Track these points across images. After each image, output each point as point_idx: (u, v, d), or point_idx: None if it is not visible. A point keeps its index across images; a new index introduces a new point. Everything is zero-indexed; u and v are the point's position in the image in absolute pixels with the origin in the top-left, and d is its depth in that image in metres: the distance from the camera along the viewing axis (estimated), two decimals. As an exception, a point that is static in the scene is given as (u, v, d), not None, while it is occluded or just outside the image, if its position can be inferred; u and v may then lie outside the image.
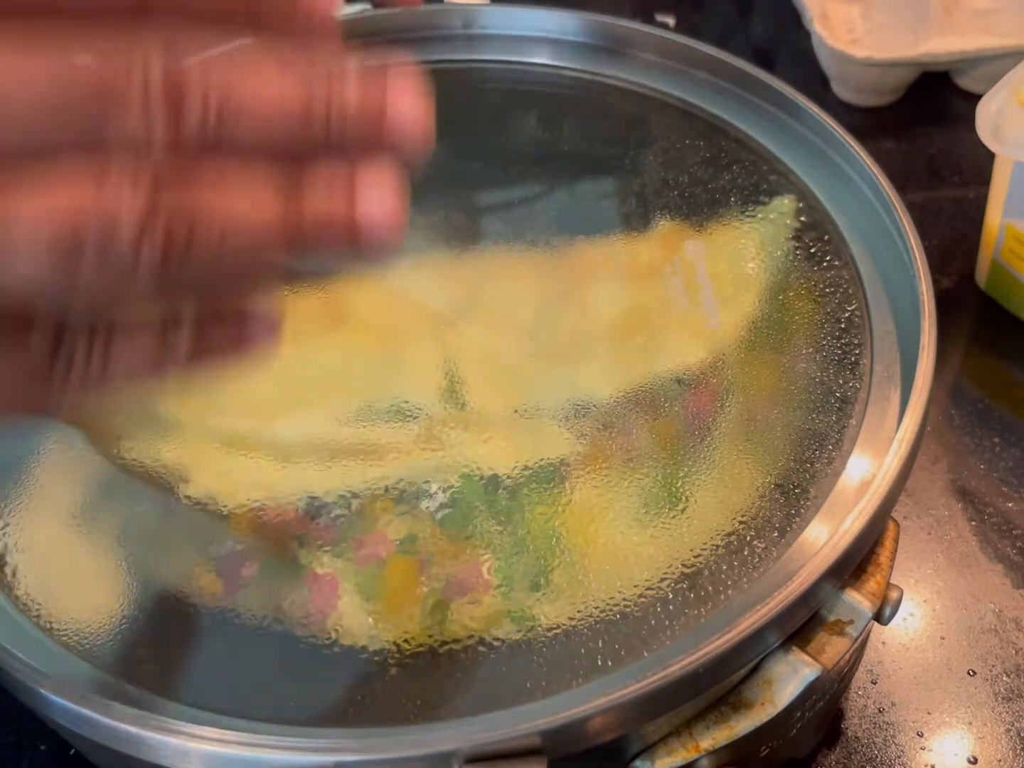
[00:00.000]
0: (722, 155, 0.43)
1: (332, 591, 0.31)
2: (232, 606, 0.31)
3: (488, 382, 0.36)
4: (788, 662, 0.29)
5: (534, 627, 0.30)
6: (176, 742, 0.27)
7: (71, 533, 0.33)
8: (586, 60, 0.48)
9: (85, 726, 0.28)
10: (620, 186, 0.44)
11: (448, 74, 0.49)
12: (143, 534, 0.33)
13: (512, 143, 0.46)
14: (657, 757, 0.29)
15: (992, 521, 0.44)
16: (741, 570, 0.31)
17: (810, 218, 0.40)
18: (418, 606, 0.31)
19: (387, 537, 0.32)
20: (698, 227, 0.41)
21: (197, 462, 0.34)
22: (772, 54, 0.70)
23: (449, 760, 0.26)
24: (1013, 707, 0.39)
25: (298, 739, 0.27)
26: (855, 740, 0.39)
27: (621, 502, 0.33)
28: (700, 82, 0.46)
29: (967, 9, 0.61)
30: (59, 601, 0.32)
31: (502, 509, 0.32)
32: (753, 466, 0.33)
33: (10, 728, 0.39)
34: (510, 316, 0.38)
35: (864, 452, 0.33)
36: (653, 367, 0.36)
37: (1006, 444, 0.47)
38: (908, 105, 0.63)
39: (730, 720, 0.29)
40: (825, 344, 0.36)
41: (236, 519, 0.33)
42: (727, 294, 0.38)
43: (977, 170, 0.59)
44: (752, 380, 0.36)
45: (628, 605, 0.30)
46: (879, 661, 0.40)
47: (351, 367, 0.37)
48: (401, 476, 0.34)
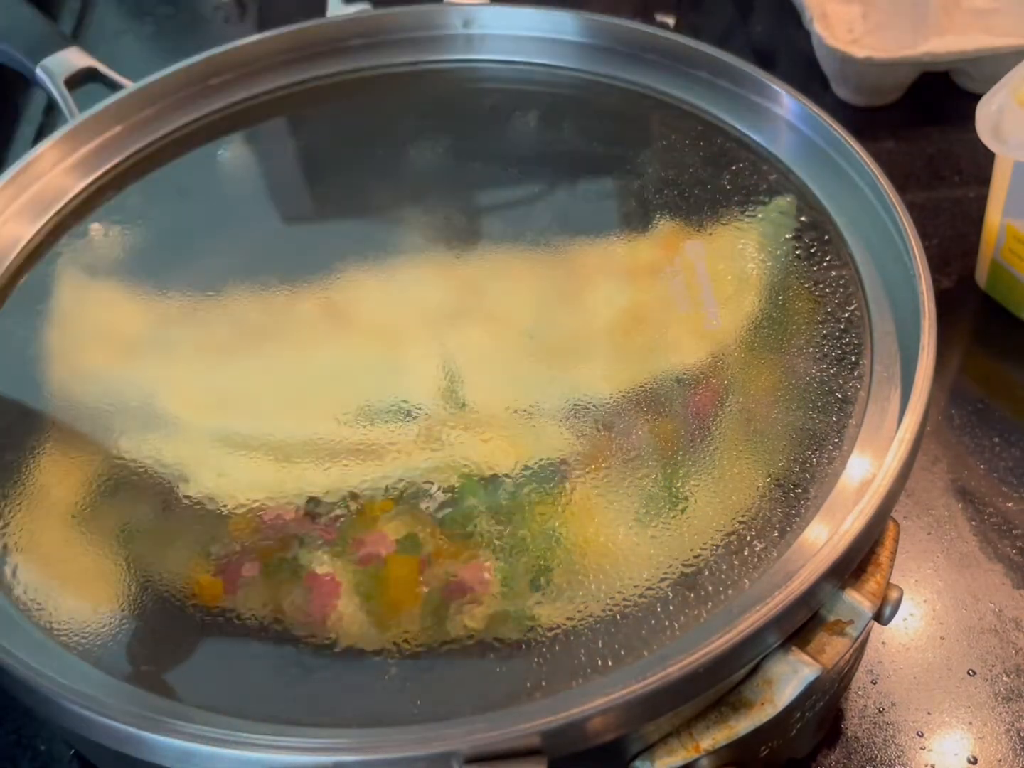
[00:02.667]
0: (722, 155, 0.43)
1: (332, 591, 0.31)
2: (232, 606, 0.31)
3: (488, 382, 0.36)
4: (788, 662, 0.29)
5: (534, 627, 0.30)
6: (176, 742, 0.27)
7: (71, 533, 0.33)
8: (586, 60, 0.48)
9: (85, 726, 0.28)
10: (620, 186, 0.44)
11: (448, 74, 0.49)
12: (143, 534, 0.33)
13: (512, 143, 0.46)
14: (657, 757, 0.29)
15: (992, 521, 0.44)
16: (741, 570, 0.31)
17: (810, 218, 0.40)
18: (418, 606, 0.31)
19: (387, 537, 0.32)
20: (698, 227, 0.41)
21: (197, 462, 0.34)
22: (772, 54, 0.70)
23: (449, 760, 0.26)
24: (1013, 707, 0.39)
25: (298, 739, 0.27)
26: (855, 740, 0.39)
27: (621, 502, 0.33)
28: (700, 82, 0.46)
29: (967, 9, 0.61)
30: (59, 601, 0.32)
31: (502, 509, 0.32)
32: (753, 466, 0.33)
33: (10, 728, 0.39)
34: (510, 316, 0.38)
35: (864, 452, 0.33)
36: (653, 367, 0.36)
37: (1006, 444, 0.47)
38: (908, 105, 0.63)
39: (730, 720, 0.29)
40: (825, 344, 0.36)
41: (236, 519, 0.33)
42: (727, 294, 0.38)
43: (977, 170, 0.59)
44: (752, 380, 0.36)
45: (628, 605, 0.30)
46: (879, 661, 0.40)
47: (351, 367, 0.37)
48: (401, 476, 0.34)
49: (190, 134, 0.47)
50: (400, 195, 0.44)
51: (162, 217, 0.43)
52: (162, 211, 0.44)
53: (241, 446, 0.35)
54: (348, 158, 0.45)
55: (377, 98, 0.48)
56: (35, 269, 0.41)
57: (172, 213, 0.44)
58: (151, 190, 0.45)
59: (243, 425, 0.35)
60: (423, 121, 0.47)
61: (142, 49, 0.73)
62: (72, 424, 0.36)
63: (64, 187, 0.44)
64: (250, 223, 0.44)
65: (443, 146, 0.46)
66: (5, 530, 0.33)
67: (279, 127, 0.48)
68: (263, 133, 0.48)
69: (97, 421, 0.36)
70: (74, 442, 0.35)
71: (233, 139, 0.47)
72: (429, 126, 0.47)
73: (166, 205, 0.44)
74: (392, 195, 0.44)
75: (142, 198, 0.44)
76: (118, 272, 0.41)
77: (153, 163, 0.46)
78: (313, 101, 0.48)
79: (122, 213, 0.43)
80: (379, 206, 0.44)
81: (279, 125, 0.48)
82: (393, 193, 0.44)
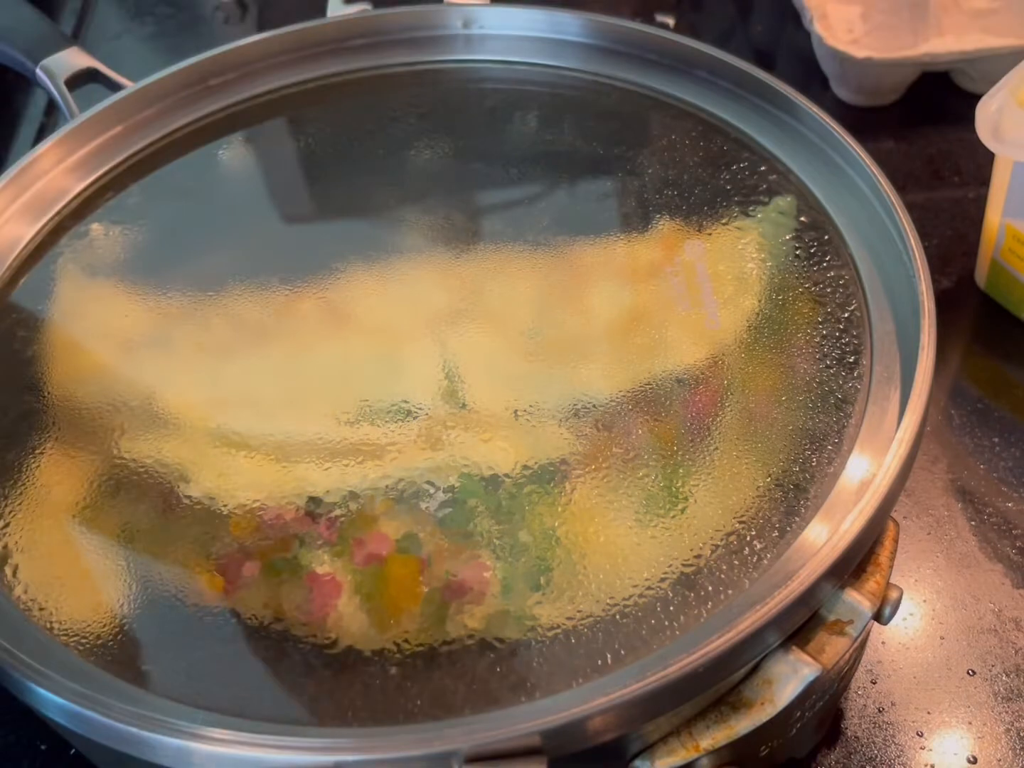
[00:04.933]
0: (722, 155, 0.43)
1: (332, 591, 0.31)
2: (232, 606, 0.31)
3: (488, 382, 0.36)
4: (788, 662, 0.29)
5: (534, 627, 0.30)
6: (176, 742, 0.27)
7: (71, 533, 0.33)
8: (586, 60, 0.48)
9: (85, 726, 0.28)
10: (620, 186, 0.44)
11: (448, 74, 0.49)
12: (143, 534, 0.33)
13: (512, 143, 0.46)
14: (657, 757, 0.29)
15: (992, 521, 0.44)
16: (741, 570, 0.31)
17: (810, 218, 0.40)
18: (418, 606, 0.31)
19: (387, 537, 0.32)
20: (698, 227, 0.41)
21: (197, 462, 0.34)
22: (772, 54, 0.70)
23: (449, 760, 0.26)
24: (1013, 707, 0.39)
25: (298, 739, 0.27)
26: (855, 740, 0.39)
27: (621, 502, 0.33)
28: (700, 82, 0.46)
29: (967, 9, 0.61)
30: (59, 601, 0.32)
31: (502, 509, 0.32)
32: (753, 466, 0.33)
33: (10, 728, 0.39)
34: (510, 316, 0.38)
35: (864, 452, 0.33)
36: (653, 367, 0.36)
37: (1006, 444, 0.47)
38: (908, 105, 0.63)
39: (730, 720, 0.29)
40: (825, 344, 0.36)
41: (236, 519, 0.33)
42: (727, 294, 0.38)
43: (977, 170, 0.59)
44: (752, 380, 0.36)
45: (628, 605, 0.30)
46: (879, 661, 0.40)
47: (351, 367, 0.37)
48: (401, 476, 0.34)
49: (190, 134, 0.47)
50: (400, 195, 0.44)
51: (162, 217, 0.43)
52: (162, 211, 0.44)
53: (241, 446, 0.35)
54: (348, 158, 0.45)
55: (377, 98, 0.48)
56: (35, 269, 0.41)
57: (172, 213, 0.44)
58: (151, 190, 0.45)
59: (243, 425, 0.35)
60: (423, 121, 0.47)
61: (142, 49, 0.73)
62: (72, 424, 0.36)
63: (64, 187, 0.44)
64: (250, 223, 0.44)
65: (443, 146, 0.46)
66: (5, 530, 0.33)
67: (279, 127, 0.48)
68: (263, 133, 0.48)
69: (97, 421, 0.36)
70: (74, 442, 0.35)
71: (233, 139, 0.47)
72: (429, 126, 0.47)
73: (166, 205, 0.44)
74: (392, 195, 0.44)
75: (142, 198, 0.44)
76: (118, 272, 0.41)
77: (153, 163, 0.46)
78: (313, 101, 0.48)
79: (122, 213, 0.44)
80: (379, 206, 0.44)
81: (279, 125, 0.48)
82: (393, 193, 0.44)
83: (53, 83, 0.49)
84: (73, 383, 0.37)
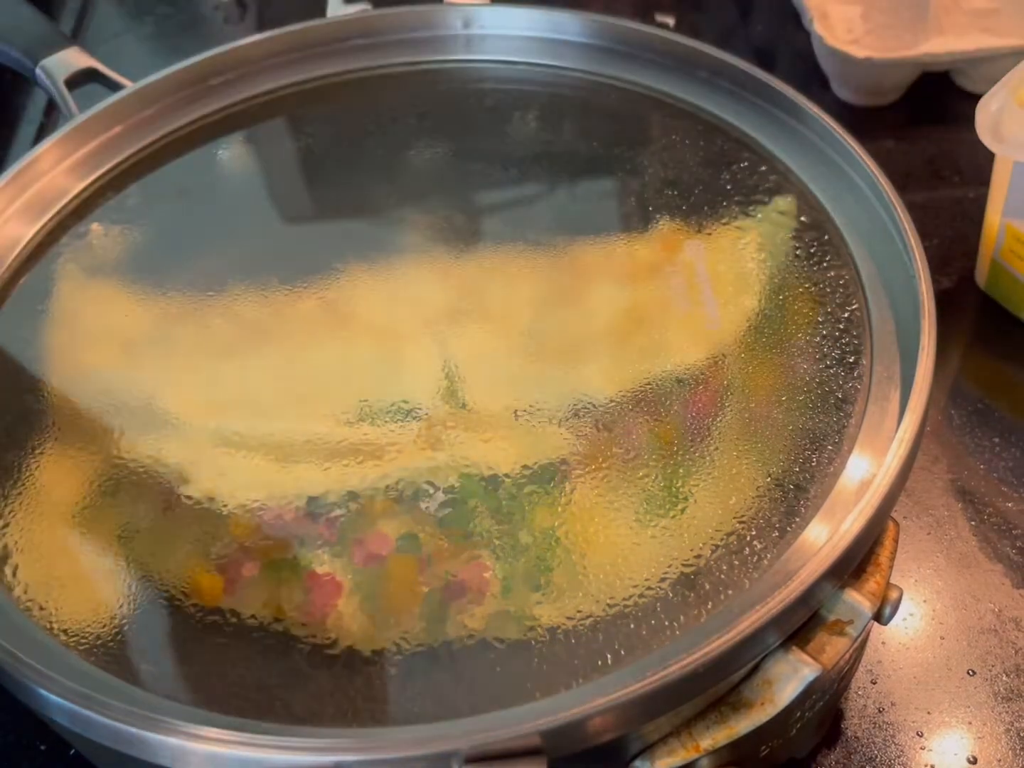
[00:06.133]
0: (722, 155, 0.43)
1: (332, 591, 0.31)
2: (232, 606, 0.31)
3: (488, 382, 0.36)
4: (788, 662, 0.29)
5: (534, 627, 0.30)
6: (176, 742, 0.27)
7: (71, 533, 0.33)
8: (586, 60, 0.48)
9: (85, 726, 0.28)
10: (620, 186, 0.44)
11: (448, 74, 0.49)
12: (143, 534, 0.33)
13: (512, 143, 0.46)
14: (657, 757, 0.29)
15: (992, 521, 0.44)
16: (741, 570, 0.31)
17: (810, 218, 0.40)
18: (418, 606, 0.31)
19: (387, 537, 0.32)
20: (698, 227, 0.41)
21: (197, 462, 0.34)
22: (772, 54, 0.70)
23: (449, 760, 0.26)
24: (1013, 707, 0.39)
25: (298, 739, 0.27)
26: (855, 740, 0.39)
27: (621, 502, 0.33)
28: (700, 82, 0.46)
29: (967, 9, 0.61)
30: (59, 601, 0.32)
31: (502, 509, 0.32)
32: (753, 466, 0.33)
33: (10, 728, 0.39)
34: (510, 316, 0.38)
35: (864, 452, 0.33)
36: (653, 367, 0.36)
37: (1006, 444, 0.47)
38: (908, 105, 0.63)
39: (730, 720, 0.29)
40: (825, 344, 0.36)
41: (236, 519, 0.33)
42: (727, 294, 0.38)
43: (977, 170, 0.59)
44: (752, 380, 0.36)
45: (628, 605, 0.30)
46: (879, 661, 0.40)
47: (351, 367, 0.37)
48: (401, 476, 0.34)
49: (190, 134, 0.47)
50: (400, 195, 0.44)
51: (162, 217, 0.43)
52: (162, 211, 0.44)
53: (241, 446, 0.35)
54: (348, 158, 0.45)
55: (377, 98, 0.48)
56: (35, 269, 0.41)
57: (172, 213, 0.44)
58: (151, 190, 0.45)
59: (243, 425, 0.35)
60: (423, 121, 0.47)
61: (142, 49, 0.73)
62: (72, 424, 0.36)
63: (64, 187, 0.44)
64: (250, 223, 0.44)
65: (443, 146, 0.46)
66: (5, 530, 0.33)
67: (279, 127, 0.48)
68: (263, 133, 0.48)
69: (97, 421, 0.36)
70: (74, 442, 0.35)
71: (233, 139, 0.47)
72: (429, 126, 0.47)
73: (166, 205, 0.44)
74: (392, 195, 0.44)
75: (142, 198, 0.44)
76: (118, 272, 0.41)
77: (153, 163, 0.46)
78: (313, 101, 0.48)
79: (122, 213, 0.43)
80: (379, 206, 0.44)
81: (279, 125, 0.48)
82: (393, 193, 0.44)
83: (53, 83, 0.49)
84: (73, 383, 0.37)
